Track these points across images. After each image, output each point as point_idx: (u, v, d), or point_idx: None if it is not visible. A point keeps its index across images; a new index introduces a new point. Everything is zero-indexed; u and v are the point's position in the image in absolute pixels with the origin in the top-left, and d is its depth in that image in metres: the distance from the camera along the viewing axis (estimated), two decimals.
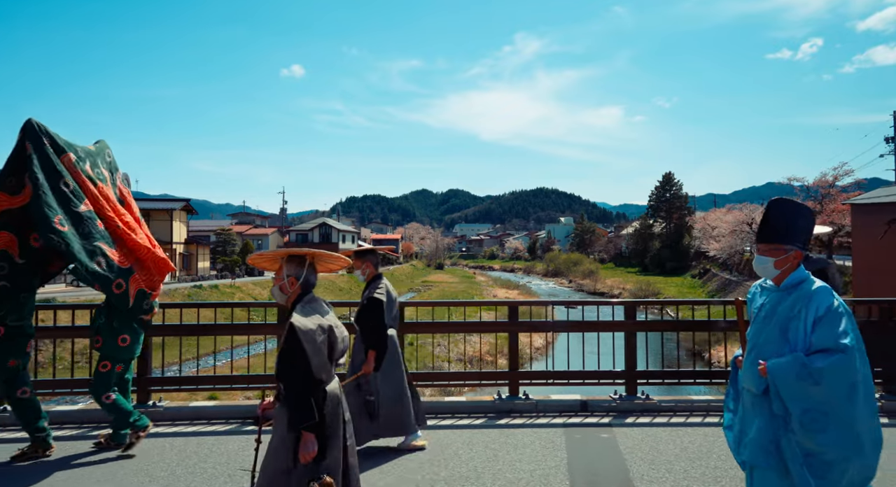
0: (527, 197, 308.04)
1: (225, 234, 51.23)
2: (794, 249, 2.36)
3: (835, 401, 2.17)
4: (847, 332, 2.19)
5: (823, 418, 2.17)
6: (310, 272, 2.76)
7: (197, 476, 4.05)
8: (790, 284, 2.36)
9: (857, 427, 2.17)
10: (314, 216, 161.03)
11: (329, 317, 2.69)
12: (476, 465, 4.21)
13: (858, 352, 2.23)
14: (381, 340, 4.37)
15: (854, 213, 26.48)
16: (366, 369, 4.33)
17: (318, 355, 2.50)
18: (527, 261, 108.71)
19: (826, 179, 34.81)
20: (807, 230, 2.41)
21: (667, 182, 73.42)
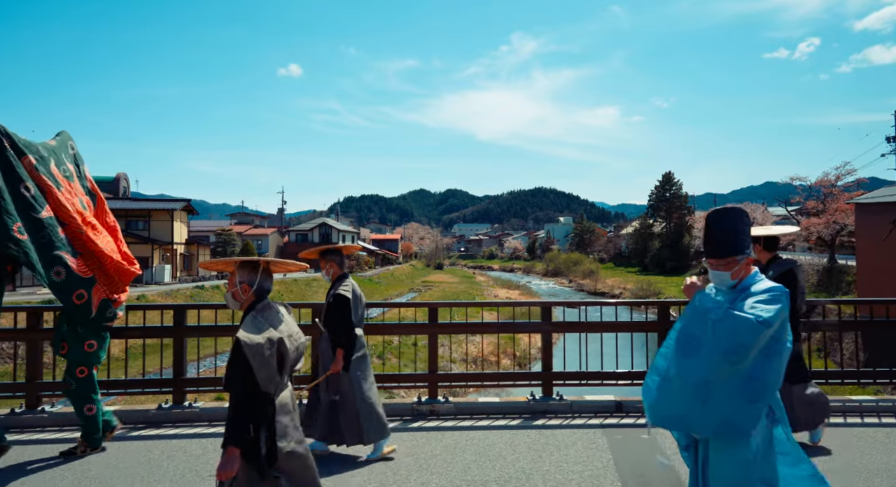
0: (525, 196, 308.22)
1: (225, 235, 51.09)
2: (744, 257, 2.42)
3: (713, 347, 2.26)
4: (770, 310, 2.23)
5: (697, 344, 2.31)
6: (263, 278, 2.71)
7: None
8: (742, 286, 2.42)
9: (710, 375, 2.25)
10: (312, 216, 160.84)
11: (283, 326, 2.64)
12: (523, 466, 4.18)
13: (774, 341, 2.27)
14: (349, 338, 4.32)
15: (858, 213, 26.54)
16: (334, 368, 4.28)
17: (265, 368, 2.44)
18: (526, 261, 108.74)
19: (828, 179, 34.84)
20: (748, 233, 2.46)
21: (666, 181, 73.51)
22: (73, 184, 4.50)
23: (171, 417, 5.35)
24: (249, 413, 2.42)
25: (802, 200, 38.13)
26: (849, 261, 30.26)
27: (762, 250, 4.53)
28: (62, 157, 4.54)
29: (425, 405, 5.55)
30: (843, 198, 32.54)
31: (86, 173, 4.83)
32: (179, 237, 42.25)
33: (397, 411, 5.55)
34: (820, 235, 33.14)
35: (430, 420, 5.40)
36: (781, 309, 2.26)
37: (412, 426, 5.23)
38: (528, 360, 18.68)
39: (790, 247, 47.34)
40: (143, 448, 4.63)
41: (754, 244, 4.55)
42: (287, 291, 41.47)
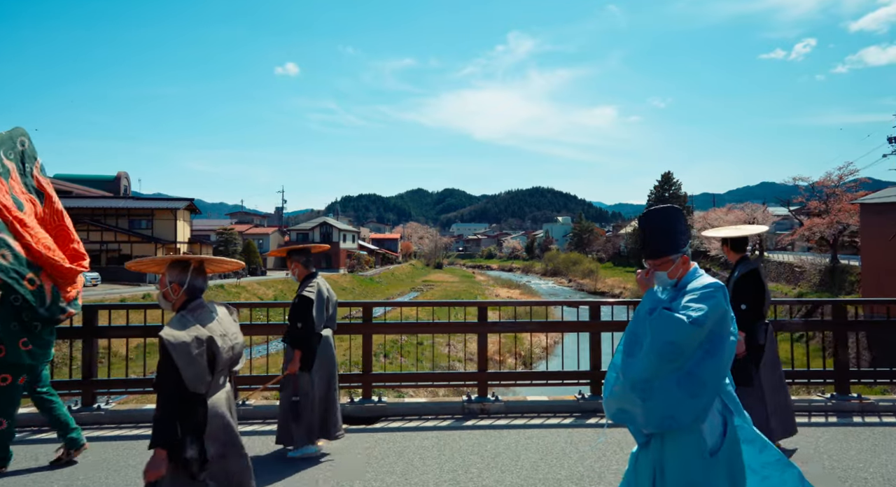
0: (522, 196, 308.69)
1: (227, 234, 50.97)
2: (679, 255, 2.42)
3: (649, 346, 2.26)
4: (701, 309, 2.23)
5: (638, 346, 2.32)
6: (195, 277, 2.67)
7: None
8: (685, 283, 2.44)
9: (648, 374, 2.25)
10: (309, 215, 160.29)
11: (215, 325, 2.60)
12: (591, 464, 4.21)
13: (710, 341, 2.28)
14: (309, 340, 4.27)
15: (863, 213, 26.71)
16: (291, 369, 4.25)
17: (192, 367, 2.40)
18: (525, 261, 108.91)
19: (831, 179, 35.03)
20: (684, 231, 2.46)
21: (666, 181, 73.80)
22: (5, 184, 4.24)
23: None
24: (177, 413, 2.38)
25: (805, 200, 38.34)
26: (851, 261, 30.47)
27: (730, 250, 4.62)
28: (2, 152, 4.33)
29: (476, 403, 5.58)
30: (845, 198, 32.73)
31: (34, 172, 4.60)
32: (182, 236, 42.15)
33: (447, 409, 5.59)
34: (822, 235, 33.33)
35: (482, 418, 5.43)
36: (715, 305, 2.26)
37: (466, 424, 5.25)
38: (534, 359, 18.69)
39: (790, 247, 47.57)
40: None
41: (723, 245, 4.64)
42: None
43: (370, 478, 4.01)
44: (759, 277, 4.46)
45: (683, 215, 2.49)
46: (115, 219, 40.20)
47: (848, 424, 5.15)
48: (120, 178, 53.51)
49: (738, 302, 4.43)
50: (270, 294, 38.20)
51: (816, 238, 35.14)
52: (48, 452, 4.43)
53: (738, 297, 4.44)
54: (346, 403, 5.57)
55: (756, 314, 4.43)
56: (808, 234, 35.11)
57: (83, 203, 40.67)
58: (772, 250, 49.66)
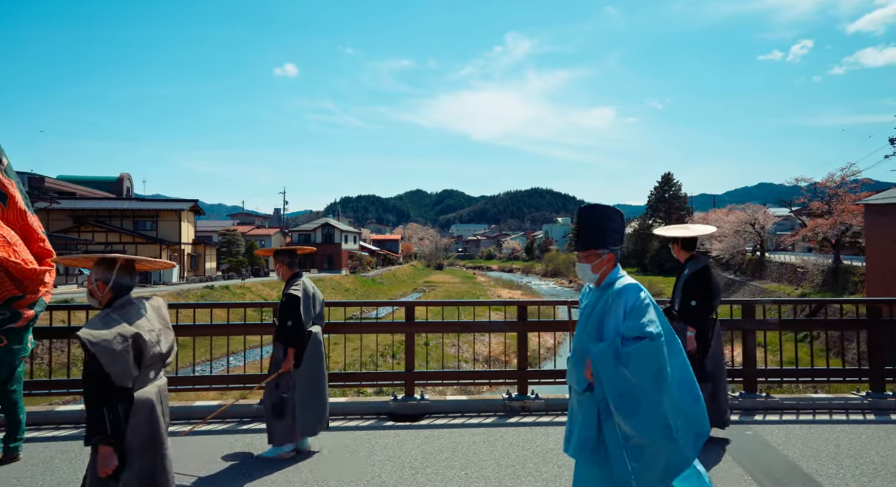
0: (521, 197, 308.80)
1: (230, 235, 51.00)
2: (606, 252, 2.49)
3: (643, 386, 2.26)
4: (653, 322, 2.31)
5: (635, 402, 2.26)
6: (121, 275, 2.69)
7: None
8: (606, 284, 2.48)
9: (665, 412, 2.26)
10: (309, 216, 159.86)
11: (142, 322, 2.63)
12: None
13: (669, 344, 2.34)
14: (300, 337, 4.37)
15: (867, 214, 26.86)
16: (285, 367, 4.33)
17: (116, 364, 2.44)
18: (525, 262, 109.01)
19: (833, 180, 35.21)
20: (618, 232, 2.52)
21: (666, 182, 74.04)
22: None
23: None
24: (104, 409, 2.43)
25: (806, 201, 38.51)
26: (853, 262, 30.63)
27: (680, 249, 4.75)
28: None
29: (516, 401, 5.67)
30: (847, 199, 32.90)
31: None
32: (187, 237, 42.15)
33: (490, 407, 5.69)
34: (825, 236, 33.49)
35: (524, 415, 5.52)
36: (655, 309, 2.36)
37: (510, 421, 5.35)
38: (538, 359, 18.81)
39: (790, 248, 47.75)
40: None
41: (673, 244, 4.77)
42: None
43: (431, 473, 4.11)
44: (709, 275, 4.60)
45: (620, 217, 2.54)
46: (120, 221, 40.19)
47: (886, 421, 5.25)
48: (123, 180, 53.45)
49: (688, 298, 4.57)
50: (274, 294, 38.24)
51: (819, 238, 35.29)
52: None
53: (687, 294, 4.58)
54: (388, 401, 5.67)
55: (705, 310, 4.56)
56: (810, 235, 35.25)
57: (87, 204, 40.65)
58: (772, 251, 49.80)
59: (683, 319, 4.62)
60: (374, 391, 9.65)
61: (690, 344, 4.53)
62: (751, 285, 40.32)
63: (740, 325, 5.88)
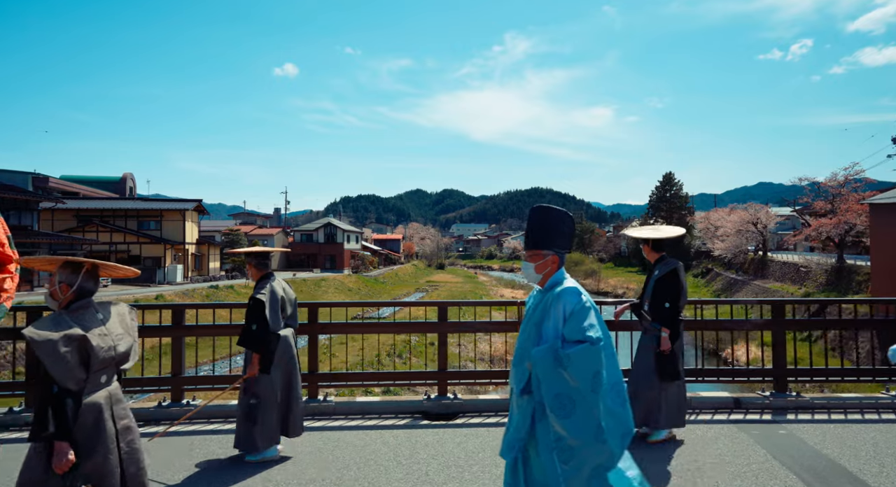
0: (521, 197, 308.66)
1: (233, 235, 51.01)
2: (551, 254, 2.51)
3: (581, 388, 2.28)
4: (594, 326, 2.33)
5: (571, 404, 2.28)
6: (86, 279, 2.71)
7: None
8: (548, 286, 2.50)
9: (599, 415, 2.29)
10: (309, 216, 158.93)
11: (95, 325, 2.64)
12: (693, 459, 4.37)
13: (606, 348, 2.37)
14: (265, 342, 4.27)
15: (872, 213, 26.90)
16: (250, 372, 4.27)
17: (59, 365, 2.45)
18: None
19: (836, 179, 35.27)
20: (565, 235, 2.53)
21: (667, 182, 74.12)
22: None
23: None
24: (48, 408, 2.45)
25: (810, 201, 38.57)
26: (857, 261, 30.69)
27: (651, 251, 4.80)
28: None
29: None
30: (851, 198, 32.96)
31: None
32: (191, 237, 42.17)
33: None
34: (829, 235, 33.55)
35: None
36: (596, 314, 2.39)
37: None
38: None
39: (792, 248, 47.83)
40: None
41: (643, 245, 4.82)
42: (297, 291, 41.41)
43: (476, 470, 4.15)
44: (679, 276, 4.65)
45: (570, 220, 2.55)
46: (124, 221, 40.20)
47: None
48: (126, 179, 53.47)
49: (661, 300, 4.61)
50: None
51: (822, 238, 35.35)
52: None
53: (660, 296, 4.62)
54: (422, 400, 5.72)
55: (678, 311, 4.61)
56: (814, 234, 35.30)
57: (92, 204, 40.67)
58: (774, 250, 49.86)
59: (657, 320, 4.67)
60: (391, 390, 9.71)
61: (665, 344, 4.58)
62: (753, 284, 40.36)
63: (769, 325, 5.92)
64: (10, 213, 29.68)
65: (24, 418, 5.28)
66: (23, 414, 5.32)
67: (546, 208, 2.57)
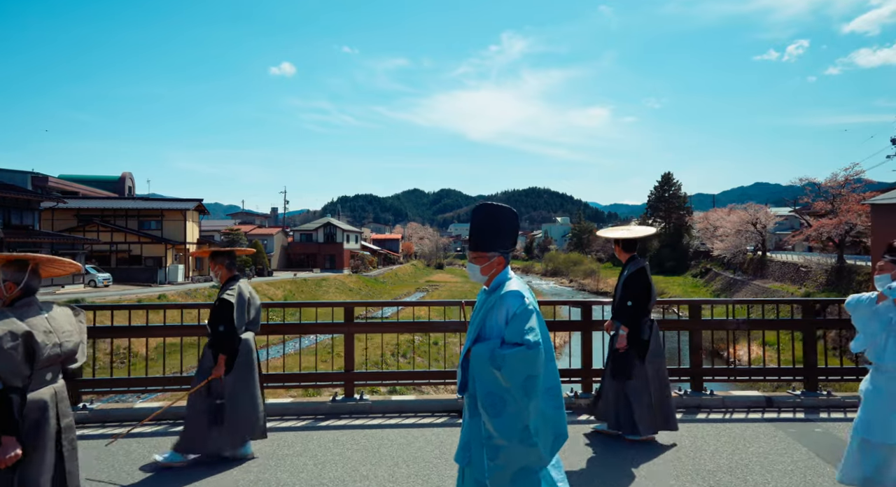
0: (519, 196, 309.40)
1: (234, 234, 50.86)
2: (496, 255, 2.48)
3: (512, 390, 2.28)
4: (533, 329, 2.31)
5: (502, 403, 2.28)
6: (32, 277, 2.73)
7: None
8: (493, 287, 2.49)
9: (527, 417, 2.29)
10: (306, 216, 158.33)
11: (40, 322, 2.66)
12: (738, 457, 4.41)
13: (545, 351, 2.37)
14: (231, 343, 4.24)
15: (874, 214, 27.07)
16: (215, 373, 4.22)
17: (4, 361, 2.48)
18: (524, 261, 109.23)
19: (836, 180, 35.46)
20: (509, 235, 2.50)
21: (665, 182, 74.32)
22: None
23: None
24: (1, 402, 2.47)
25: (810, 201, 38.76)
26: (857, 261, 30.84)
27: (621, 250, 4.85)
28: None
29: (582, 399, 5.75)
30: (851, 198, 33.14)
31: None
32: (192, 237, 42.08)
33: (570, 405, 5.72)
34: (829, 236, 33.72)
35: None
36: (537, 316, 2.38)
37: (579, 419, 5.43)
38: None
39: (791, 248, 48.05)
40: None
41: (615, 245, 4.87)
42: (298, 291, 41.45)
43: None
44: (646, 275, 4.70)
45: (514, 218, 2.52)
46: (125, 220, 40.08)
47: None
48: (124, 179, 53.30)
49: (625, 299, 4.65)
50: (280, 294, 38.20)
51: (823, 238, 35.54)
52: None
53: (625, 294, 4.66)
54: (457, 398, 5.73)
55: (641, 310, 4.63)
56: (815, 235, 35.48)
57: (92, 203, 40.54)
58: (772, 250, 50.07)
59: (618, 318, 4.70)
60: (398, 389, 9.65)
61: (621, 341, 4.62)
62: (753, 284, 40.52)
63: (800, 325, 5.97)
64: (12, 213, 29.56)
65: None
66: None
67: (488, 207, 2.52)
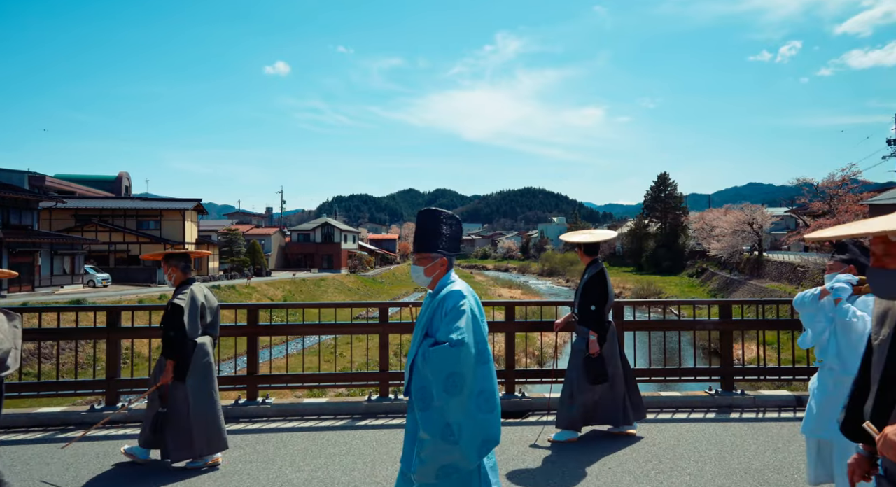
0: (514, 196, 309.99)
1: (232, 234, 50.74)
2: (439, 256, 2.54)
3: (436, 386, 2.33)
4: (460, 329, 2.35)
5: (429, 399, 2.34)
6: None
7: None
8: (437, 289, 2.55)
9: (449, 415, 2.33)
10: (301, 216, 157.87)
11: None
12: (781, 456, 4.46)
13: (480, 352, 2.42)
14: (180, 349, 4.17)
15: (872, 214, 27.44)
16: (163, 379, 4.18)
17: None
18: (520, 261, 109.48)
19: (834, 180, 35.81)
20: (452, 237, 2.57)
21: (662, 182, 74.66)
22: None
23: None
24: None
25: (807, 201, 39.11)
26: None
27: (583, 254, 4.93)
28: None
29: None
30: (848, 199, 33.50)
31: None
32: (190, 237, 41.91)
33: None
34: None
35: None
36: (468, 317, 2.41)
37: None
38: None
39: (786, 247, 48.38)
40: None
41: (577, 249, 4.94)
42: (297, 291, 41.40)
43: (544, 468, 4.21)
44: (603, 279, 4.76)
45: (456, 222, 2.60)
46: (123, 220, 39.88)
47: None
48: (121, 179, 53.01)
49: (588, 303, 4.72)
50: (280, 294, 38.12)
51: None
52: None
53: (587, 298, 4.73)
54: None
55: (602, 313, 4.70)
56: None
57: (91, 203, 40.32)
58: (768, 250, 50.42)
59: (583, 323, 4.74)
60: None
61: (593, 347, 4.66)
62: (750, 284, 40.77)
63: None
64: (11, 213, 29.34)
65: None
66: (104, 412, 5.36)
67: (431, 211, 2.60)
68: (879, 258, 1.60)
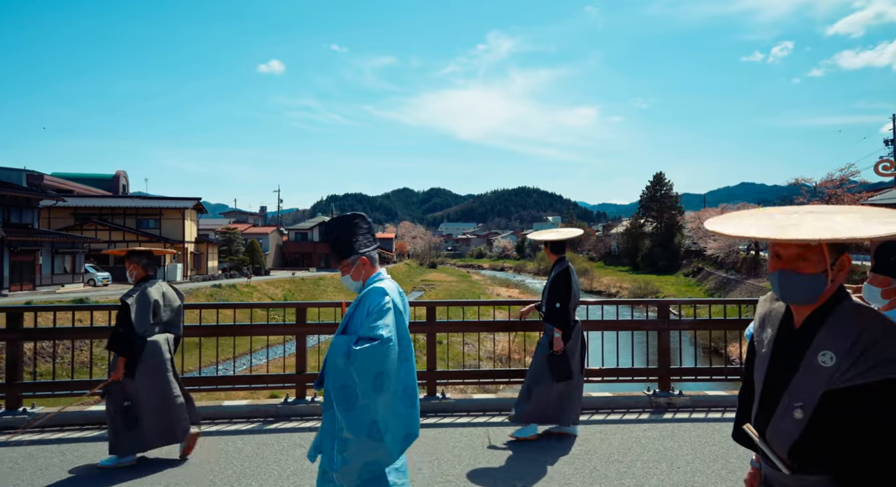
0: (508, 196, 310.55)
1: (230, 233, 50.58)
2: (356, 258, 2.53)
3: (363, 385, 2.30)
4: (387, 326, 2.34)
5: (354, 397, 2.31)
6: None
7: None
8: (364, 287, 2.58)
9: (376, 413, 2.32)
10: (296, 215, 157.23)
11: None
12: None
13: (402, 350, 2.43)
14: (129, 346, 4.18)
15: None
16: (114, 376, 4.18)
17: None
18: (516, 260, 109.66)
19: (832, 180, 36.17)
20: (361, 234, 2.57)
21: (657, 181, 75.05)
22: None
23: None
24: None
25: (805, 201, 39.50)
26: (855, 261, 31.44)
27: (550, 253, 4.96)
28: None
29: (662, 397, 5.85)
30: (846, 199, 33.81)
31: None
32: (190, 236, 41.74)
33: (634, 404, 5.86)
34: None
35: (671, 412, 5.70)
36: (392, 314, 2.38)
37: (665, 417, 5.53)
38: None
39: None
40: None
41: (545, 248, 4.99)
42: (297, 290, 41.30)
43: (618, 467, 4.29)
44: (568, 277, 4.79)
45: (362, 220, 2.59)
46: (123, 219, 39.65)
47: None
48: (119, 177, 52.68)
49: (553, 300, 4.74)
50: (280, 294, 38.03)
51: None
52: None
53: (552, 296, 4.75)
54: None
55: (567, 311, 4.73)
56: None
57: (90, 202, 40.06)
58: (765, 249, 50.88)
59: (549, 320, 4.77)
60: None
61: (557, 344, 4.68)
62: (747, 284, 41.09)
63: None
64: (11, 211, 29.10)
65: None
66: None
67: (337, 219, 2.62)
68: (792, 261, 1.48)
